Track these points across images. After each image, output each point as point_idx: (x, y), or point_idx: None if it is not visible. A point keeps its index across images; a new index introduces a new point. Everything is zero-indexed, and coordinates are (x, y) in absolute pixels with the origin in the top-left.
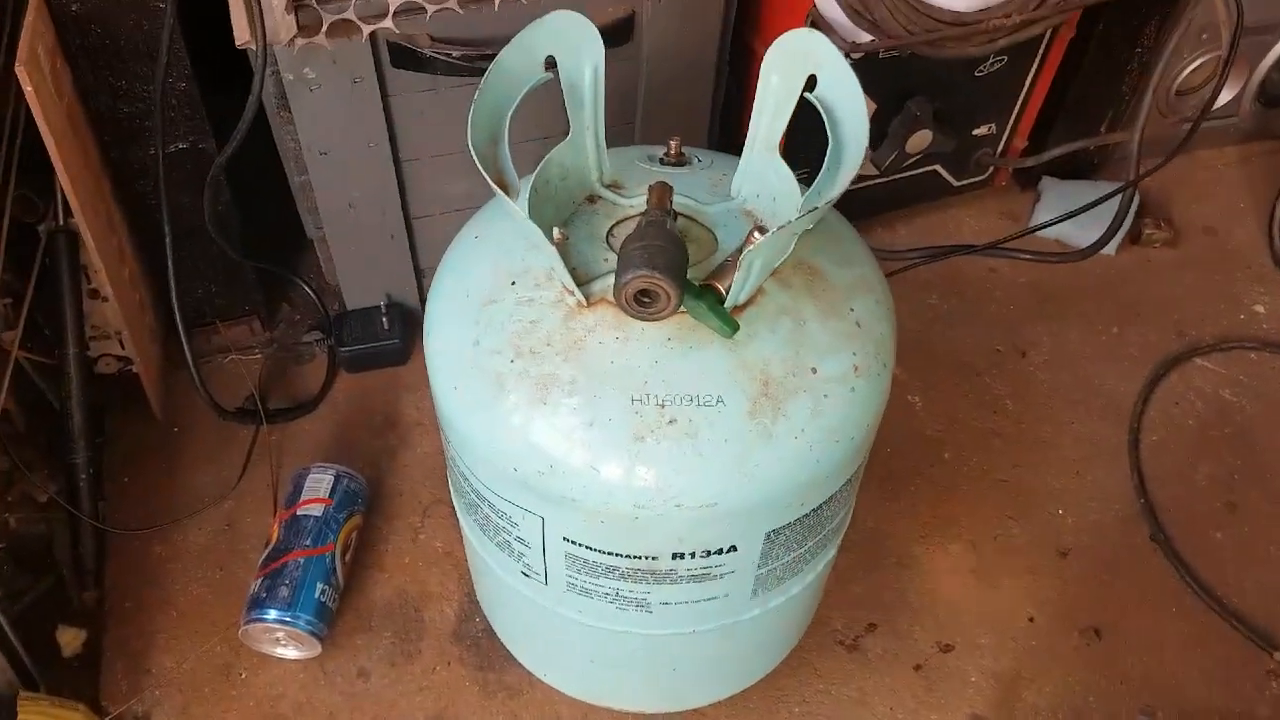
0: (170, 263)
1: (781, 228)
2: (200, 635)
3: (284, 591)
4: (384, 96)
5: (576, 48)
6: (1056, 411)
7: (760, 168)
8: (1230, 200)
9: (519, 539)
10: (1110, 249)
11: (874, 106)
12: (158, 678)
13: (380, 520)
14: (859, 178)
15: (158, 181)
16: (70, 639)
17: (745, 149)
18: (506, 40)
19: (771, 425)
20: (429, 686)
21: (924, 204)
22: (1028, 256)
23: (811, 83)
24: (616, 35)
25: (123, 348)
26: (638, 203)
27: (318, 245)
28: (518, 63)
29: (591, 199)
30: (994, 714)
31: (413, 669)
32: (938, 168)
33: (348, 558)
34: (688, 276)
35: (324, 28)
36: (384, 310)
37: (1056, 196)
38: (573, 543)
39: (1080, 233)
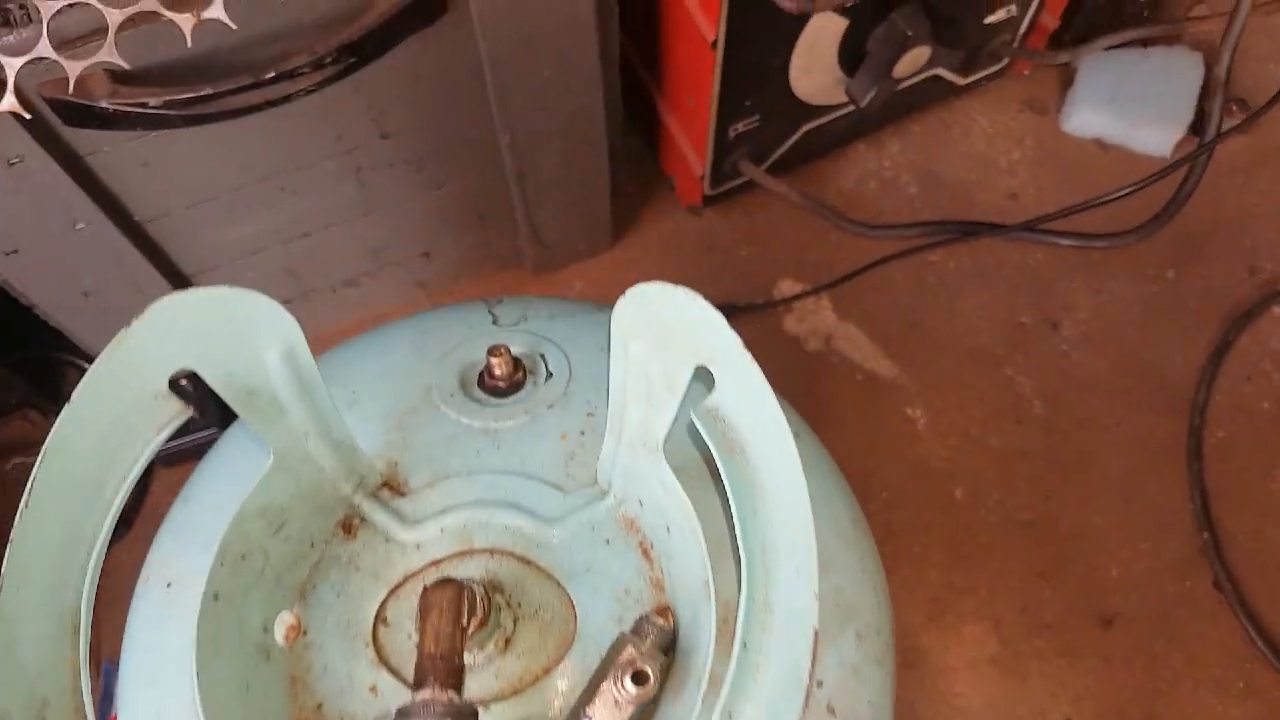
0: None
1: None
2: None
3: None
4: (76, 162)
5: (233, 339)
6: (1098, 409)
7: (637, 467)
8: None
9: None
10: (1164, 147)
11: (844, 23)
12: None
13: None
14: (826, 109)
15: None
16: None
17: (609, 434)
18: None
19: None
20: None
21: (921, 110)
22: (1069, 243)
23: (708, 379)
24: (424, 10)
25: None
26: (429, 533)
27: (66, 334)
28: (106, 422)
29: (348, 526)
30: None
31: None
32: (939, 71)
33: None
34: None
35: None
36: (192, 389)
37: (1099, 76)
38: None
39: (1129, 126)
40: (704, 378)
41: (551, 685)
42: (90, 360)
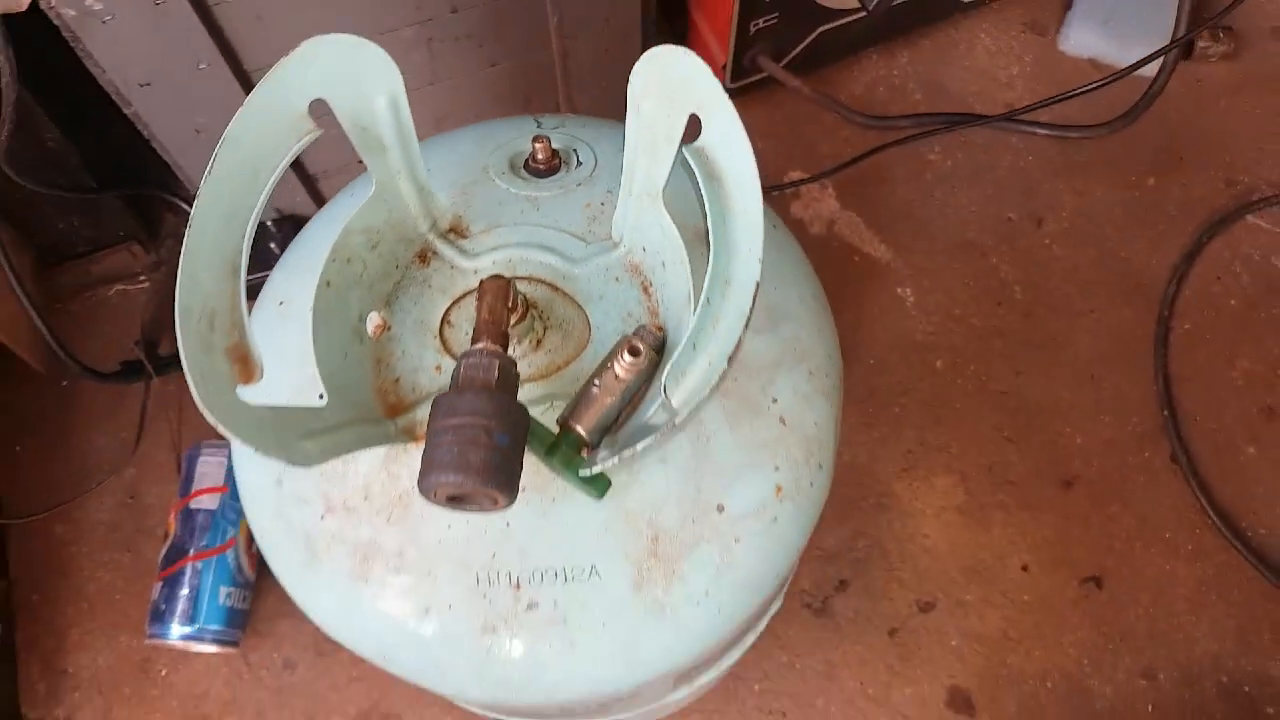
0: None
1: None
2: (114, 628)
3: (183, 604)
4: (206, 10)
5: (356, 80)
6: (1073, 297)
7: (642, 218)
8: None
9: None
10: (1153, 68)
11: None
12: (75, 678)
13: None
14: (839, 12)
15: None
16: None
17: (622, 190)
18: None
19: (664, 595)
20: (361, 677)
21: (929, 24)
22: (1046, 132)
23: (696, 128)
24: None
25: None
26: (483, 263)
27: (174, 169)
28: (265, 125)
29: (423, 256)
30: (974, 684)
31: (341, 657)
32: None
33: (255, 548)
34: (540, 417)
35: None
36: (274, 228)
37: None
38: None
39: (1122, 47)
40: (696, 127)
41: (571, 372)
42: (190, 201)
